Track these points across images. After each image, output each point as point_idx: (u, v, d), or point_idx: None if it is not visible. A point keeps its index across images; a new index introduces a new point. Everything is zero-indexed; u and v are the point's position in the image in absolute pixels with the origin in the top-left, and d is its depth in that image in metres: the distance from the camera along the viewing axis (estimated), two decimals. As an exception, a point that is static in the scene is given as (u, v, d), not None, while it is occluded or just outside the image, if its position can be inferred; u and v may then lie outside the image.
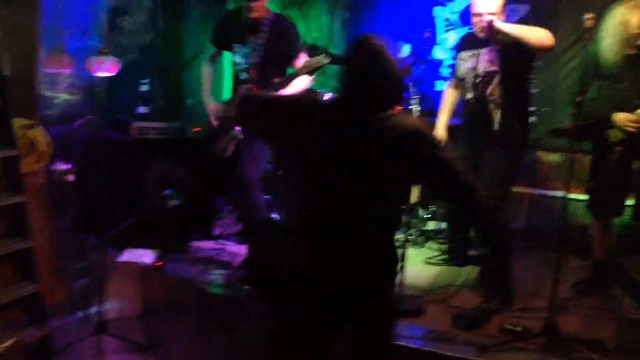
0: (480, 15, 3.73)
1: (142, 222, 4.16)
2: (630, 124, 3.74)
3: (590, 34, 3.59)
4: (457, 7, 5.74)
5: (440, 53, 5.80)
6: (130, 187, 4.45)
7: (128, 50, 5.22)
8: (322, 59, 3.51)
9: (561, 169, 5.27)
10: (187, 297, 3.94)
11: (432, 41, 5.74)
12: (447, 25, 5.80)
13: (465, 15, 5.68)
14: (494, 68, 3.83)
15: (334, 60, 3.60)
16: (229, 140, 4.15)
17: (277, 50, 4.08)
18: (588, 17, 3.57)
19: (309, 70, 3.58)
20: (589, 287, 4.06)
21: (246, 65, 4.12)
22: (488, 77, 3.86)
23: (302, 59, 3.93)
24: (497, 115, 3.84)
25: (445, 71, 5.78)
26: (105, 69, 4.41)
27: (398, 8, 5.86)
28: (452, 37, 5.77)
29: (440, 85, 5.84)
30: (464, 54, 4.01)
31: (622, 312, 3.68)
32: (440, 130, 4.21)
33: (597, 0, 4.87)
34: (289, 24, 4.17)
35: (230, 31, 4.17)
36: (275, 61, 4.10)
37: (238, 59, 4.16)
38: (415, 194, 5.02)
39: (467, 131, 4.06)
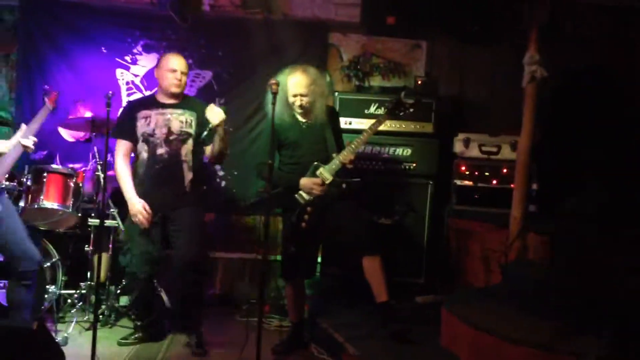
0: (174, 71, 4.10)
1: None
2: (315, 187, 3.95)
3: (275, 100, 3.70)
4: (139, 71, 5.55)
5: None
6: None
7: None
8: None
9: (257, 232, 5.34)
10: None
11: (117, 104, 5.44)
12: (129, 89, 5.57)
13: (148, 79, 5.53)
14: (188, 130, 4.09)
15: None
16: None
17: None
18: (273, 83, 3.68)
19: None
20: (288, 348, 4.07)
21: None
22: (183, 136, 4.10)
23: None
24: (189, 176, 4.08)
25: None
26: None
27: (76, 69, 5.45)
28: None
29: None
30: (146, 112, 4.13)
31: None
32: (136, 197, 4.06)
33: (276, 68, 5.19)
34: None
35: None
36: None
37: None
38: (105, 268, 4.61)
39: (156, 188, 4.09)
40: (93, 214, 4.54)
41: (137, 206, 4.00)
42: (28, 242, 3.77)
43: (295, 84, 4.02)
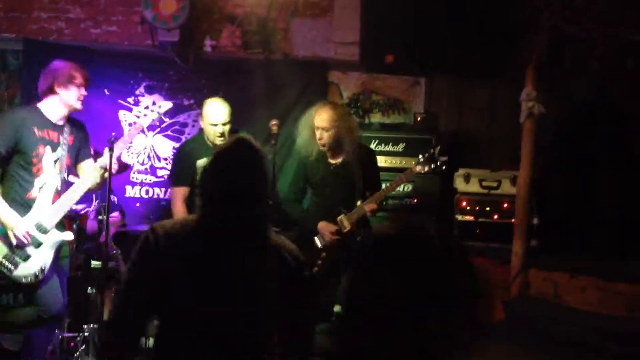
0: (216, 125, 4.12)
1: None
2: (327, 233, 3.91)
3: (276, 140, 3.74)
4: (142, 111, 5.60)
5: (127, 158, 5.57)
6: None
7: None
8: None
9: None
10: None
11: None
12: (132, 129, 5.62)
13: (152, 120, 5.59)
14: None
15: None
16: None
17: None
18: (274, 124, 3.73)
19: None
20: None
21: None
22: None
23: None
24: None
25: (138, 176, 5.59)
26: None
27: (79, 111, 5.50)
28: (138, 142, 5.60)
29: (130, 191, 5.59)
30: (203, 162, 4.11)
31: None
32: None
33: (278, 106, 5.25)
34: None
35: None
36: None
37: None
38: (108, 310, 4.59)
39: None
40: (96, 256, 4.55)
41: None
42: (63, 287, 3.83)
43: (319, 118, 3.99)
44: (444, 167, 4.11)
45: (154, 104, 5.22)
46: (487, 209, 4.98)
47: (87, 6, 5.47)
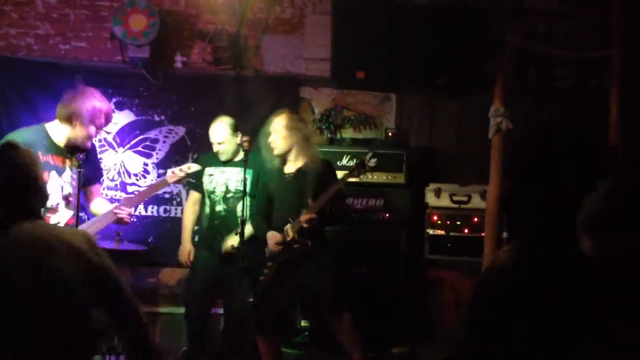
0: (213, 143, 4.47)
1: None
2: (272, 243, 3.91)
3: (247, 157, 3.75)
4: (112, 128, 5.57)
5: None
6: None
7: None
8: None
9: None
10: None
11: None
12: (101, 146, 5.57)
13: (120, 135, 5.55)
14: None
15: None
16: None
17: None
18: (244, 140, 3.73)
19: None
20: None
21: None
22: (239, 194, 4.30)
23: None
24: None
25: (108, 192, 5.52)
26: None
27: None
28: (108, 158, 5.55)
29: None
30: (210, 170, 4.51)
31: None
32: (188, 243, 4.56)
33: (249, 122, 5.24)
34: None
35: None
36: None
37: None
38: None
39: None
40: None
41: (185, 250, 4.58)
42: None
43: (271, 125, 4.06)
44: (371, 169, 4.11)
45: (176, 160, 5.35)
46: (458, 223, 5.03)
47: (57, 22, 5.45)
